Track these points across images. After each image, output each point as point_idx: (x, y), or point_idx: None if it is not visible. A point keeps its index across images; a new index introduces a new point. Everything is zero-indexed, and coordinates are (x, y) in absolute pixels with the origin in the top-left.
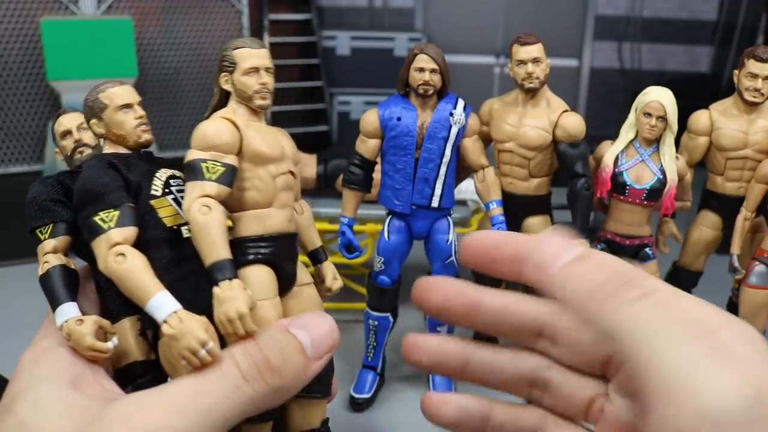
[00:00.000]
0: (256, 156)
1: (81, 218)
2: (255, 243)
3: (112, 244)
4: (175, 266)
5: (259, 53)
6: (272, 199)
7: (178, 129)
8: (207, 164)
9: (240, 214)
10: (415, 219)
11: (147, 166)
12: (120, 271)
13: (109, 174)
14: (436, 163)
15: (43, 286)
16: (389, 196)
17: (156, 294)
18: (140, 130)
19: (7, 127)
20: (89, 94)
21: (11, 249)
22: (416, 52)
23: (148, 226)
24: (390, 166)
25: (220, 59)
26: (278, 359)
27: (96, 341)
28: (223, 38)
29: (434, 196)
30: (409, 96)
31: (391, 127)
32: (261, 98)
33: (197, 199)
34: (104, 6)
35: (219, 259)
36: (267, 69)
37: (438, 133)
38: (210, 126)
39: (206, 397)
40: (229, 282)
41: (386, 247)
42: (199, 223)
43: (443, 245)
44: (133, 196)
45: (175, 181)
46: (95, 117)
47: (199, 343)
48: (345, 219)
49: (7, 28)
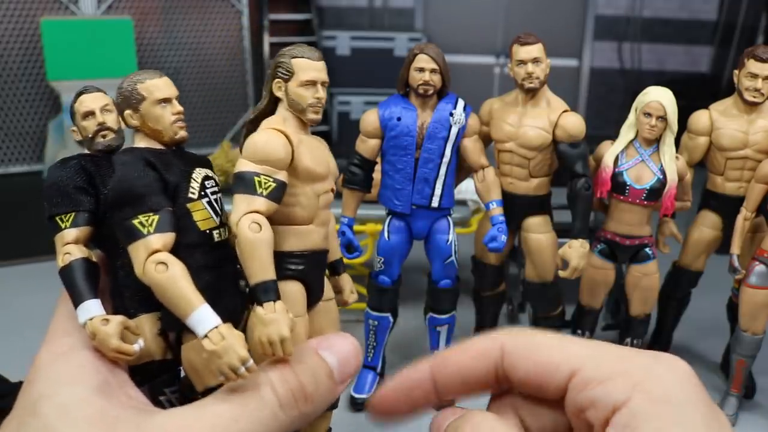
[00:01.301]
0: (306, 173)
1: (118, 218)
2: (293, 259)
3: (152, 251)
4: (206, 271)
5: (318, 66)
6: (314, 217)
7: None
8: (260, 178)
9: (281, 228)
10: (415, 219)
11: (182, 165)
12: (161, 281)
13: (149, 174)
14: (436, 163)
15: (65, 279)
16: (389, 196)
17: (199, 308)
18: (177, 127)
19: (7, 127)
20: (125, 83)
21: (11, 249)
22: (416, 52)
23: (183, 230)
24: (390, 166)
25: (276, 64)
26: (312, 387)
27: (122, 343)
28: (223, 38)
29: (434, 196)
30: (409, 96)
31: (391, 127)
32: (314, 112)
33: (247, 215)
34: (104, 6)
35: (265, 280)
36: (323, 83)
37: (438, 133)
38: (265, 138)
39: (245, 423)
40: (273, 304)
41: (386, 247)
42: (249, 240)
43: (443, 245)
44: (171, 197)
45: (209, 182)
46: (131, 108)
47: (240, 360)
48: (345, 219)
49: (7, 28)
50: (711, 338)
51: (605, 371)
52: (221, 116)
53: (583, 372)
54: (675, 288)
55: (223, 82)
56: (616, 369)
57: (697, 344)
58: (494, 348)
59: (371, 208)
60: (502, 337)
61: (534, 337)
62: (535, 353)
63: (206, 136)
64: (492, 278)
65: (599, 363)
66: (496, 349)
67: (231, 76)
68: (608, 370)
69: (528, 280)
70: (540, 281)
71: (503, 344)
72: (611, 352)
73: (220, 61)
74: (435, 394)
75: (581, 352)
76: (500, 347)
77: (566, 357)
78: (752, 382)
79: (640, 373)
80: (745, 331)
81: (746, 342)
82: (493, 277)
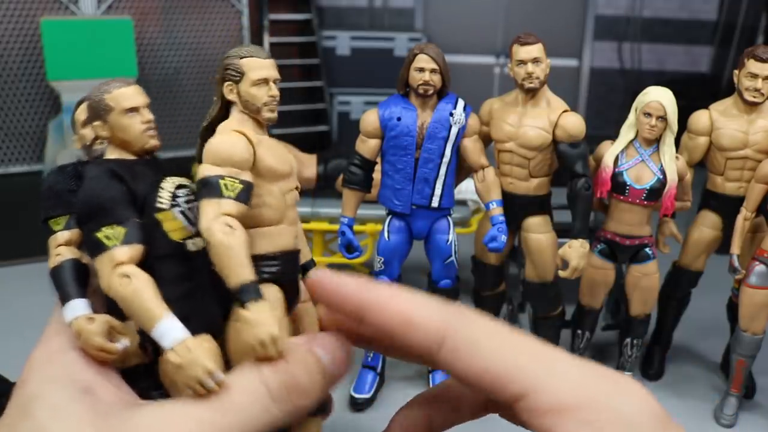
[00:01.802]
0: (269, 172)
1: (85, 232)
2: (267, 261)
3: (116, 264)
4: (181, 282)
5: (267, 63)
6: (283, 216)
7: (178, 129)
8: (225, 181)
9: (251, 232)
10: (414, 219)
11: (153, 174)
12: (124, 294)
13: (115, 186)
14: (436, 163)
15: (54, 279)
16: (389, 196)
17: (162, 321)
18: (147, 136)
19: (7, 127)
20: (93, 94)
21: (11, 249)
22: (416, 52)
23: (153, 241)
24: (390, 166)
25: (223, 67)
26: (305, 380)
27: (105, 342)
28: (223, 38)
29: (434, 196)
30: (409, 96)
31: (391, 127)
32: (270, 111)
33: (218, 218)
34: (104, 6)
35: (245, 281)
36: (275, 80)
37: (438, 133)
38: (225, 140)
39: (234, 416)
40: (257, 303)
41: (386, 247)
42: (223, 244)
43: (443, 245)
44: (140, 209)
45: (182, 191)
46: (99, 119)
47: (206, 373)
48: (345, 219)
49: (7, 28)
50: (711, 338)
51: (561, 400)
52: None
53: (536, 396)
54: (675, 288)
55: None
56: (572, 400)
57: (697, 344)
58: (435, 330)
59: (371, 208)
60: (448, 320)
61: (482, 334)
62: (483, 357)
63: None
64: (492, 278)
65: (556, 389)
66: (438, 332)
67: None
68: (564, 399)
69: (528, 280)
70: (540, 281)
71: (446, 334)
72: (569, 375)
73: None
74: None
75: (537, 372)
76: (443, 335)
77: (519, 374)
78: (752, 382)
79: (597, 405)
80: (745, 331)
81: (746, 342)
82: (494, 277)
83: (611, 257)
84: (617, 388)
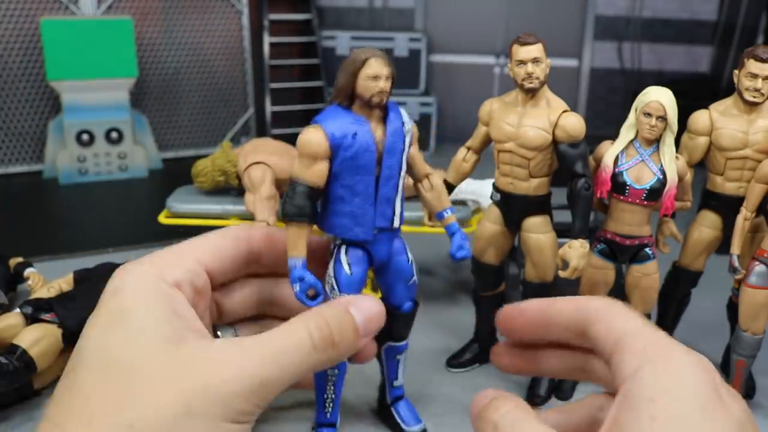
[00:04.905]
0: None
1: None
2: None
3: None
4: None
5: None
6: None
7: (178, 129)
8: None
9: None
10: (375, 244)
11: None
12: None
13: None
14: (397, 180)
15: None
16: (347, 225)
17: None
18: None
19: (7, 127)
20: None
21: (11, 249)
22: (365, 57)
23: None
24: (346, 189)
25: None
26: (339, 336)
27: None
28: (223, 38)
29: (395, 216)
30: (351, 107)
31: (347, 146)
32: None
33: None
34: (104, 6)
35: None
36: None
37: (397, 145)
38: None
39: (286, 357)
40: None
41: (350, 282)
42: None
43: (405, 266)
44: None
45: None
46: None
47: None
48: (299, 261)
49: (7, 28)
50: (711, 338)
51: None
52: (221, 116)
53: (624, 343)
54: (675, 288)
55: (223, 82)
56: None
57: (697, 344)
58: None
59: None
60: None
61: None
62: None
63: (206, 136)
64: (492, 278)
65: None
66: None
67: (231, 76)
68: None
69: (528, 280)
70: (540, 281)
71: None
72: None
73: (220, 61)
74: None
75: (629, 328)
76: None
77: (618, 331)
78: (752, 382)
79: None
80: (745, 331)
81: (746, 342)
82: (494, 277)
83: (611, 257)
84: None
